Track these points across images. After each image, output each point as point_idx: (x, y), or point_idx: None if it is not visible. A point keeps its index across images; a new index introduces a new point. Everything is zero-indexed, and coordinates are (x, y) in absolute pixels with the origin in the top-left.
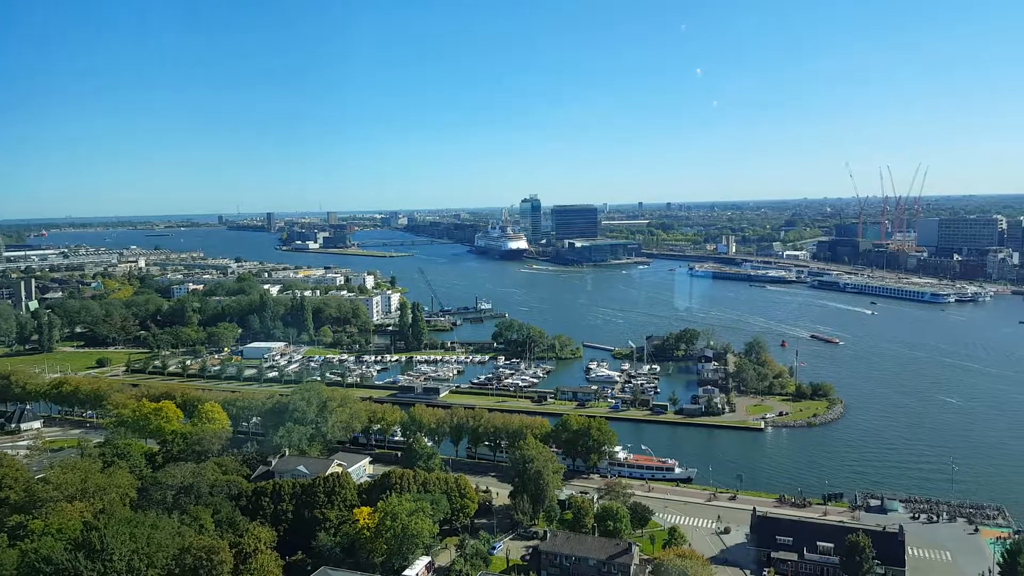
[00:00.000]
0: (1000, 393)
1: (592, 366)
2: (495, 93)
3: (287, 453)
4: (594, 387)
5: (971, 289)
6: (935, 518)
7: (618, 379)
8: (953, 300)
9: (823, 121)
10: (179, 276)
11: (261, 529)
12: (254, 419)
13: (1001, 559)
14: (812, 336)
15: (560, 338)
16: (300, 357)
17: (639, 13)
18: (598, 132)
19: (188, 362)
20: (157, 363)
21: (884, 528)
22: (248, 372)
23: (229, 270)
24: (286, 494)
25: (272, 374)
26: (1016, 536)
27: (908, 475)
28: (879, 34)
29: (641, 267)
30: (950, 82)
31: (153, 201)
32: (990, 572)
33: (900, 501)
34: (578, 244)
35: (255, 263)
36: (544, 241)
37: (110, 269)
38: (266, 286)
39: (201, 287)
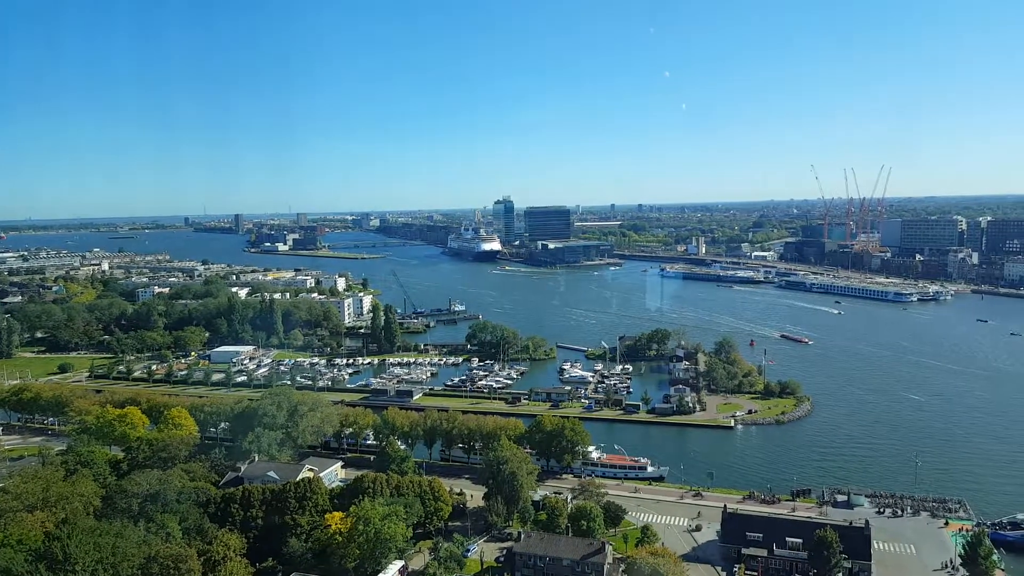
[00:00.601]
0: (961, 389)
1: (566, 367)
2: (467, 95)
3: (257, 459)
4: (568, 388)
5: (933, 288)
6: (899, 512)
7: (591, 379)
8: (915, 299)
9: (789, 124)
10: (144, 279)
11: (230, 536)
12: (222, 424)
13: (963, 551)
14: (782, 336)
15: (534, 339)
16: (270, 361)
17: (608, 16)
18: (570, 134)
19: (154, 367)
20: (121, 368)
21: (851, 523)
22: (216, 377)
23: (196, 273)
24: (256, 500)
25: (241, 378)
26: (977, 528)
27: (873, 471)
28: (842, 39)
29: (613, 268)
30: (911, 87)
31: (117, 203)
32: (951, 563)
33: (866, 496)
34: (551, 246)
35: (223, 265)
36: (517, 243)
37: (72, 272)
38: (234, 289)
39: (167, 290)
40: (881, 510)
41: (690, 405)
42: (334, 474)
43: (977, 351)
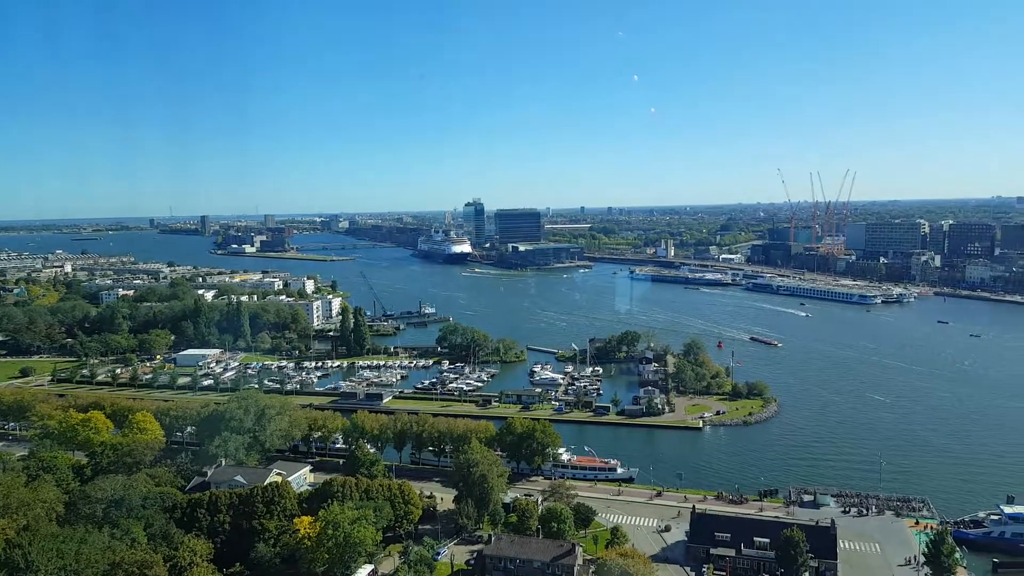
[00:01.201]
0: (924, 390)
1: (536, 369)
2: (436, 96)
3: (224, 463)
4: (538, 390)
5: (896, 290)
6: (864, 511)
7: (562, 381)
8: (880, 301)
9: (755, 128)
10: (108, 281)
11: (197, 542)
12: (189, 429)
13: (926, 549)
14: (752, 338)
15: (504, 341)
16: (237, 364)
17: (577, 19)
18: (541, 137)
19: (118, 371)
20: (85, 372)
21: (817, 523)
22: (182, 380)
23: (161, 275)
24: (223, 505)
25: (207, 382)
26: (940, 527)
27: (839, 470)
28: (807, 44)
29: (583, 271)
30: (876, 92)
31: (80, 204)
32: (915, 559)
33: (832, 496)
34: (522, 248)
35: (189, 267)
36: (488, 245)
37: (34, 274)
38: (201, 291)
39: (132, 293)
40: (847, 509)
41: (659, 406)
42: (303, 478)
43: (939, 352)
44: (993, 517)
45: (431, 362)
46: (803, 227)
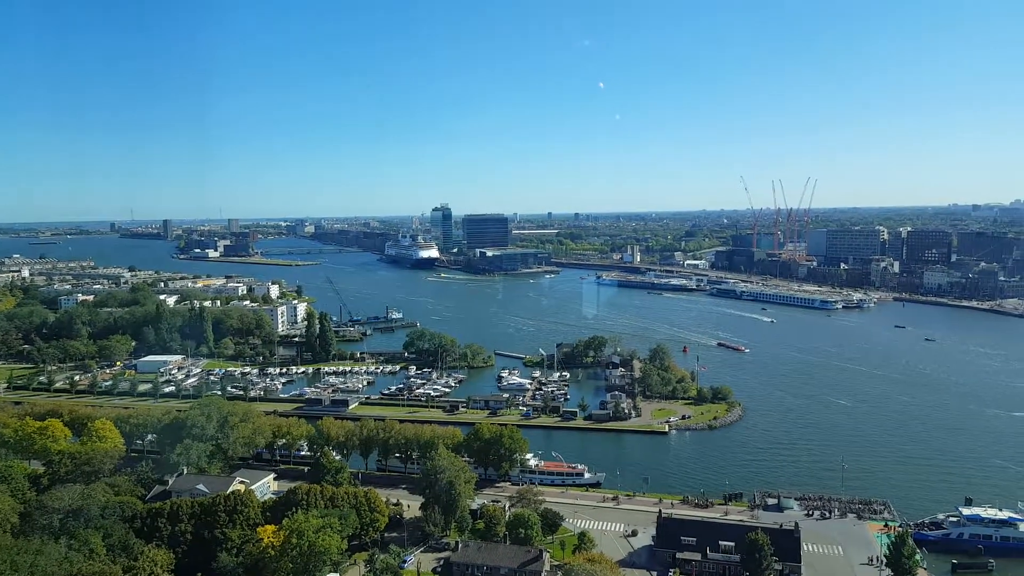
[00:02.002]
0: (883, 393)
1: (504, 374)
2: (403, 101)
3: (185, 471)
4: (506, 395)
5: (856, 296)
6: (827, 514)
7: (529, 387)
8: (840, 307)
9: (719, 137)
10: (67, 286)
11: (157, 552)
12: (149, 436)
13: (887, 551)
14: (719, 344)
15: (472, 347)
16: (199, 370)
17: (542, 25)
18: (509, 143)
19: (77, 377)
20: (42, 379)
21: (781, 526)
22: (143, 387)
23: (122, 280)
24: (184, 514)
25: (169, 389)
26: (901, 529)
27: (802, 474)
28: (769, 55)
29: (551, 276)
30: (836, 102)
31: (38, 208)
32: (877, 559)
33: (795, 499)
34: (489, 253)
35: (150, 272)
36: (456, 250)
37: None
38: (162, 296)
39: (91, 298)
40: (810, 512)
41: (626, 411)
42: (266, 486)
43: (898, 357)
44: (952, 519)
45: (398, 368)
46: (766, 234)
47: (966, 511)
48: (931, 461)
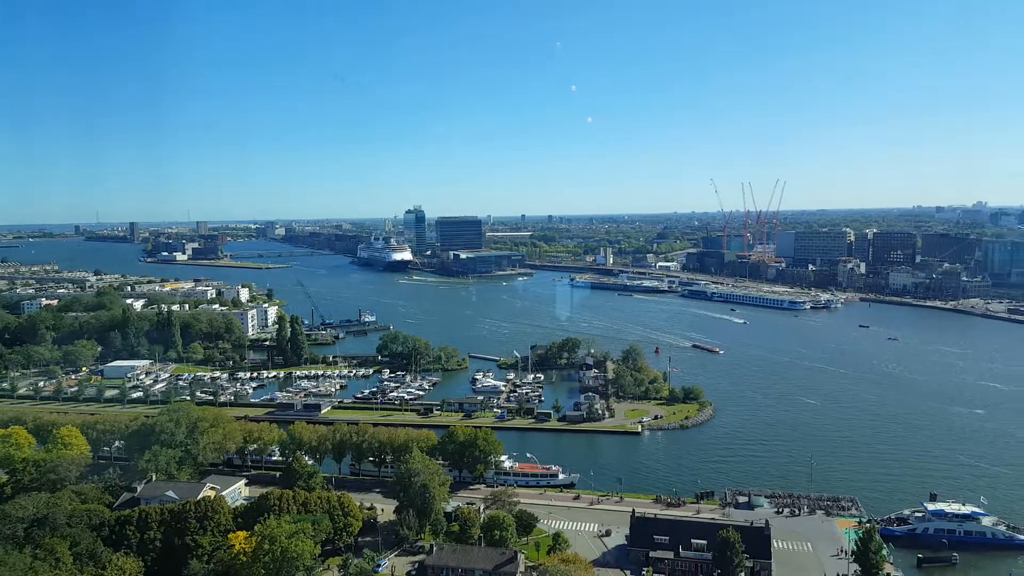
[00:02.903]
0: (851, 392)
1: (478, 376)
2: (377, 105)
3: (154, 478)
4: (480, 397)
5: (824, 297)
6: (797, 511)
7: (503, 389)
8: (808, 307)
9: (690, 139)
10: (30, 291)
11: (126, 560)
12: (117, 443)
13: (855, 547)
14: (694, 346)
15: (446, 349)
16: (167, 375)
17: (515, 28)
18: (483, 145)
19: (41, 383)
20: (5, 385)
21: (752, 523)
22: (110, 393)
23: (87, 284)
24: (153, 521)
25: (136, 394)
26: (868, 525)
27: (772, 472)
28: (741, 58)
29: (524, 278)
30: (805, 105)
31: None
32: (844, 552)
33: (765, 497)
34: (463, 255)
35: (117, 276)
36: (429, 252)
37: None
38: (129, 300)
39: (55, 302)
40: (780, 510)
41: (599, 412)
42: (238, 492)
43: (864, 356)
44: (917, 514)
45: (371, 371)
46: (735, 236)
47: (931, 506)
48: (897, 458)
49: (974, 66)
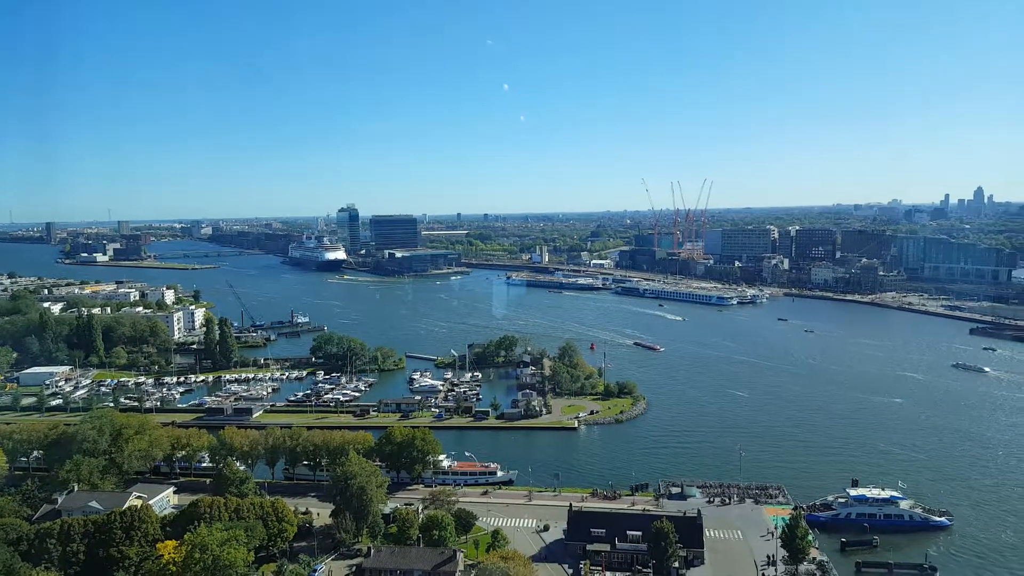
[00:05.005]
0: (777, 384)
1: (415, 376)
2: (305, 103)
3: (76, 488)
4: (418, 397)
5: (750, 292)
6: (727, 501)
7: (441, 388)
8: (736, 302)
9: (621, 138)
10: None
11: (47, 575)
12: (35, 453)
13: (783, 533)
14: (636, 343)
15: (382, 350)
16: (89, 382)
17: (446, 25)
18: (416, 144)
19: None
20: None
21: (684, 513)
22: (26, 401)
23: (0, 287)
24: (76, 534)
25: (55, 402)
26: (794, 511)
27: (704, 463)
28: (662, 60)
29: (461, 277)
30: (731, 106)
31: None
32: (772, 534)
33: (698, 487)
34: (398, 254)
35: (32, 279)
36: (363, 251)
37: None
38: (46, 304)
39: None
40: (711, 499)
41: (537, 409)
42: (166, 500)
43: (787, 349)
44: (840, 500)
45: (305, 373)
46: (666, 233)
47: (853, 492)
48: (821, 446)
49: (889, 73)
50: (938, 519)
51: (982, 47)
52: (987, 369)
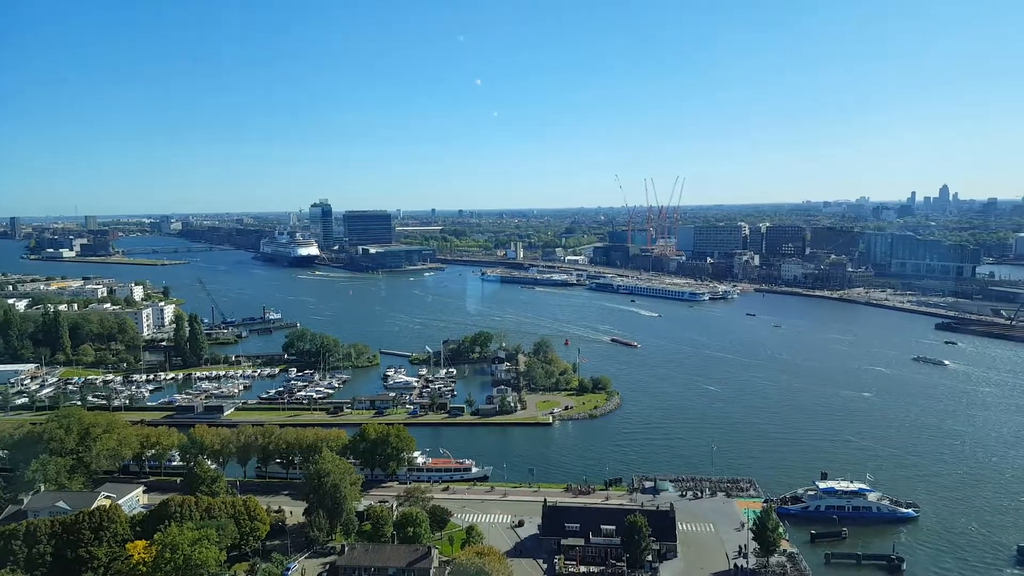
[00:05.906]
0: (748, 379)
1: (390, 373)
2: (280, 98)
3: (43, 489)
4: (392, 394)
5: (722, 288)
6: (700, 494)
7: (416, 384)
8: (707, 298)
9: (595, 136)
10: None
11: None
12: (1, 453)
13: (754, 525)
14: (613, 340)
15: (356, 346)
16: (55, 380)
17: (418, 20)
18: (391, 139)
19: None
20: None
21: (657, 507)
22: None
23: None
24: (43, 535)
25: (21, 401)
26: (765, 504)
27: (676, 457)
28: (634, 59)
29: (435, 273)
30: (704, 106)
31: None
32: (743, 526)
33: (670, 481)
34: (372, 250)
35: None
36: (337, 247)
37: None
38: (11, 300)
39: None
40: (684, 493)
41: (511, 405)
42: (135, 500)
43: (757, 344)
44: (810, 493)
45: (277, 370)
46: (639, 230)
47: (822, 484)
48: (791, 440)
49: (857, 73)
50: (905, 510)
51: (947, 49)
52: (947, 362)
